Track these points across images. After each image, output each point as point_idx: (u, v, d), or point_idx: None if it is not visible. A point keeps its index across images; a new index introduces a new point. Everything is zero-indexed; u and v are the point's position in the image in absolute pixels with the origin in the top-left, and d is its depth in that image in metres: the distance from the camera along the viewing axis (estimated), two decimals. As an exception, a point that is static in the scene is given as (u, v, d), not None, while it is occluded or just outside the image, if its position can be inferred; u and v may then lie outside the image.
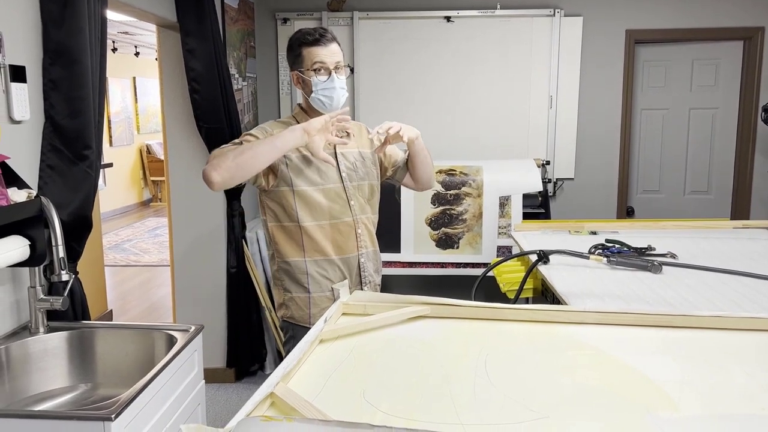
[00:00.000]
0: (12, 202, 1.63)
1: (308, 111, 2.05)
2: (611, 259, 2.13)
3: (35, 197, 1.71)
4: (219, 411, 3.38)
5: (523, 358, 1.24)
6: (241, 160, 1.75)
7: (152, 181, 10.58)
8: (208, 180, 1.76)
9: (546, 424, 0.97)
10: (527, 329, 1.40)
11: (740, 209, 4.22)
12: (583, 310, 1.43)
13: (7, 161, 1.68)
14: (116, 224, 8.83)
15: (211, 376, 3.23)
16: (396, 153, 2.23)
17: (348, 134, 2.09)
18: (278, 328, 3.64)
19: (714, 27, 4.05)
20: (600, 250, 2.26)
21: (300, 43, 1.98)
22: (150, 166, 10.51)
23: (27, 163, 1.85)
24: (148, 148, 10.51)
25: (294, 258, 2.01)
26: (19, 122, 1.81)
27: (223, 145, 1.92)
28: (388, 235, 2.22)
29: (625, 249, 2.29)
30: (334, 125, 1.89)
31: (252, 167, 1.79)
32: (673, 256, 2.23)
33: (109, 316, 4.77)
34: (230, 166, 1.74)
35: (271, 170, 1.95)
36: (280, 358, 3.79)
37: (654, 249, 2.29)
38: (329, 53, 1.95)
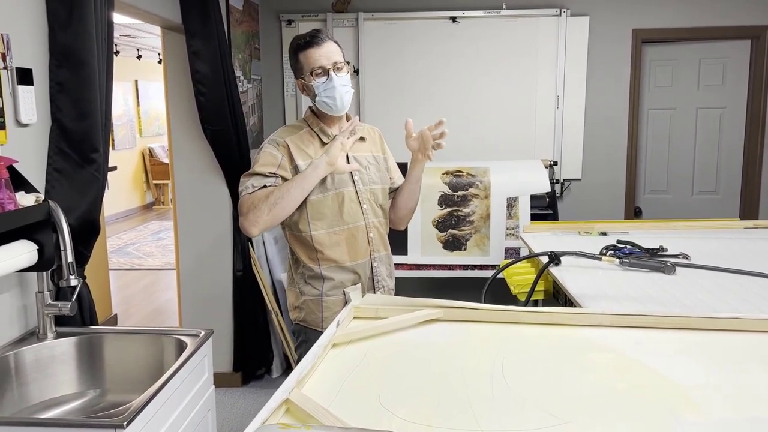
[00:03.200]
0: (20, 207, 1.62)
1: (319, 114, 2.03)
2: (624, 260, 2.11)
3: (43, 201, 1.70)
4: (226, 416, 3.36)
5: (540, 361, 1.22)
6: (276, 212, 1.85)
7: (155, 184, 10.58)
8: (247, 234, 1.89)
9: (567, 429, 0.95)
10: (543, 332, 1.38)
11: (749, 209, 4.20)
12: (599, 313, 1.41)
13: (14, 165, 1.66)
14: (119, 228, 8.83)
15: (217, 380, 3.19)
16: (396, 174, 2.20)
17: (361, 138, 2.07)
18: (285, 332, 3.62)
19: (721, 26, 4.03)
20: (612, 251, 2.24)
21: (295, 49, 1.97)
22: (152, 169, 10.51)
23: (34, 167, 1.83)
24: (150, 152, 10.51)
25: (309, 263, 2.01)
26: (26, 125, 1.79)
27: (246, 185, 1.91)
28: (395, 236, 2.20)
29: (637, 250, 2.27)
30: (349, 136, 1.92)
31: (285, 214, 1.89)
32: (686, 256, 2.20)
33: (113, 320, 4.76)
34: (266, 219, 1.85)
35: None
36: (287, 361, 3.77)
37: (666, 250, 2.27)
38: (325, 53, 1.93)
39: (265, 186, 1.89)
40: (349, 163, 1.99)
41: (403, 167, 2.20)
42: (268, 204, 1.84)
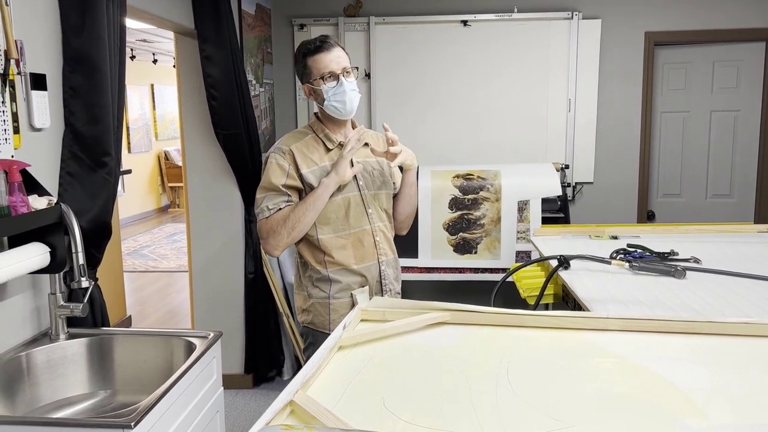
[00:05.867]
0: (33, 209, 1.64)
1: (324, 120, 2.05)
2: (633, 264, 2.10)
3: (55, 204, 1.72)
4: (237, 417, 3.38)
5: (545, 365, 1.22)
6: (294, 235, 1.95)
7: (170, 187, 10.66)
8: (270, 255, 2.03)
9: (571, 434, 0.95)
10: (549, 336, 1.37)
11: (764, 213, 4.15)
12: (606, 317, 1.41)
13: (27, 168, 1.69)
14: (135, 230, 8.91)
15: (228, 382, 3.23)
16: (399, 179, 2.22)
17: (365, 143, 2.09)
18: (296, 334, 3.63)
19: (735, 28, 4.00)
20: (622, 255, 2.24)
21: (304, 54, 1.98)
22: (168, 172, 10.60)
23: (47, 171, 1.86)
24: (166, 155, 10.60)
25: (317, 266, 2.02)
26: (39, 130, 1.82)
27: (261, 207, 1.96)
28: (406, 240, 2.21)
29: (648, 254, 2.26)
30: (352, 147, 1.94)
31: (302, 234, 1.97)
32: (697, 260, 2.19)
33: (128, 321, 4.80)
34: (286, 242, 1.95)
35: (299, 193, 1.97)
36: (297, 363, 3.79)
37: (677, 254, 2.25)
38: (334, 58, 1.95)
39: (279, 208, 1.94)
40: (352, 166, 2.01)
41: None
42: (287, 229, 1.92)
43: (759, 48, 4.07)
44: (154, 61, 9.18)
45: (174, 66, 3.71)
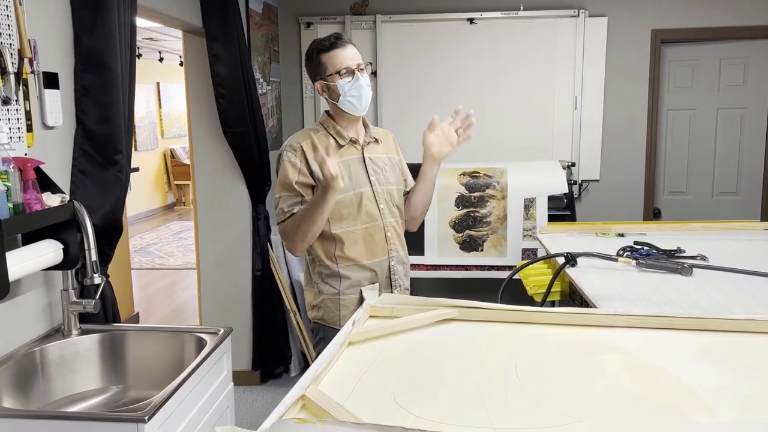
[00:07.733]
0: (46, 207, 1.66)
1: (335, 117, 2.06)
2: (640, 261, 2.11)
3: (68, 201, 1.74)
4: (245, 413, 3.40)
5: (554, 361, 1.24)
6: (309, 239, 1.98)
7: (176, 185, 10.69)
8: (294, 255, 2.10)
9: (579, 429, 0.97)
10: (557, 332, 1.39)
11: (770, 211, 4.15)
12: (614, 314, 1.42)
13: (41, 166, 1.71)
14: (141, 228, 8.94)
15: (236, 378, 3.23)
16: (409, 176, 2.23)
17: (376, 140, 2.10)
18: (303, 331, 3.65)
19: (742, 25, 3.99)
20: (629, 253, 2.24)
21: (318, 51, 2.00)
22: (174, 170, 10.63)
23: (60, 168, 1.88)
24: (171, 153, 10.63)
25: (327, 262, 2.04)
26: (52, 128, 1.84)
27: (277, 210, 2.00)
28: (412, 237, 2.22)
29: (654, 251, 2.27)
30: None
31: (317, 234, 1.99)
32: (704, 258, 2.19)
33: (135, 318, 4.83)
34: (303, 246, 2.00)
35: (312, 190, 1.98)
36: (305, 360, 3.81)
37: (684, 251, 2.26)
38: (349, 55, 1.98)
39: (292, 212, 1.96)
40: (366, 165, 2.03)
41: (414, 169, 2.22)
42: (300, 235, 1.95)
43: (766, 45, 4.05)
44: (161, 60, 9.21)
45: (180, 64, 3.73)
